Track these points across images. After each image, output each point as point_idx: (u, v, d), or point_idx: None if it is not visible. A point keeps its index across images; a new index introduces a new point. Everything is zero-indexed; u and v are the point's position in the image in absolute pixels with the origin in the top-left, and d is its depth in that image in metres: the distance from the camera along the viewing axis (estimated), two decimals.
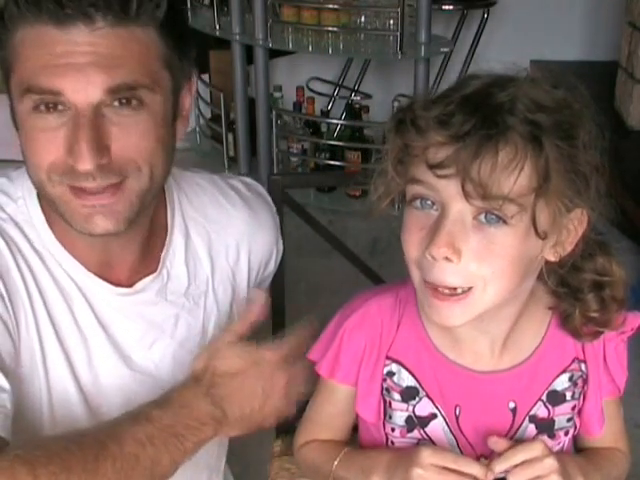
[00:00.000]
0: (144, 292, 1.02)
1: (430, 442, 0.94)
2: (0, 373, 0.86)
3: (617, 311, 0.90)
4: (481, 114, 0.78)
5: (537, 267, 0.86)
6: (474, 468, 0.85)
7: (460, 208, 0.79)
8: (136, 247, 1.00)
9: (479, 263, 0.79)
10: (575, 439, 1.00)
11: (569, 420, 0.96)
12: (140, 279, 1.02)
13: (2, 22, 0.89)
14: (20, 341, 0.93)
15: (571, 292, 0.90)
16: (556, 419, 0.95)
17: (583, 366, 0.95)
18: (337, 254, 1.39)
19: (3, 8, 0.89)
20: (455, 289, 0.81)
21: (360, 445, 1.03)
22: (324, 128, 3.65)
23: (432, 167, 0.79)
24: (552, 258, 0.85)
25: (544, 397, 0.94)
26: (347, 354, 0.94)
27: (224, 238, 1.10)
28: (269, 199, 1.19)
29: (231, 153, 3.64)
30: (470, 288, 0.81)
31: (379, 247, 3.09)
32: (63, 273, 0.97)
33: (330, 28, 3.19)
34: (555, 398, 0.94)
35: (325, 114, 3.70)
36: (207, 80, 3.85)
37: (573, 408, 0.95)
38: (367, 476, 0.93)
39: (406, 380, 0.93)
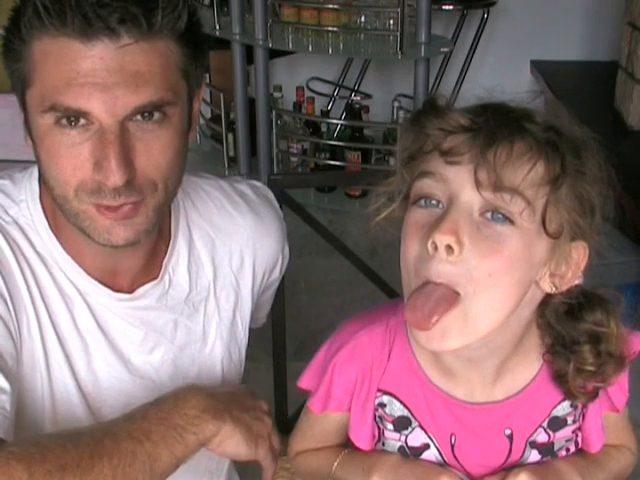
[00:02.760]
0: (144, 298, 1.02)
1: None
2: (1, 375, 0.86)
3: (615, 371, 0.88)
4: (499, 114, 0.79)
5: (532, 299, 0.84)
6: None
7: (468, 199, 0.77)
8: (142, 255, 1.00)
9: (479, 260, 0.76)
10: None
11: (567, 440, 0.95)
12: (141, 285, 1.02)
13: (19, 33, 0.87)
14: (22, 342, 0.93)
15: (566, 347, 0.88)
16: (556, 442, 0.94)
17: None
18: (337, 254, 1.39)
19: (19, 18, 0.87)
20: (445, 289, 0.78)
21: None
22: (324, 128, 3.65)
23: (445, 153, 0.78)
24: (548, 288, 0.83)
25: (545, 424, 0.92)
26: (339, 387, 0.93)
27: (228, 244, 1.09)
28: (276, 204, 1.18)
29: (231, 153, 3.64)
30: (458, 295, 0.77)
31: (379, 247, 3.09)
32: (64, 277, 0.97)
33: (330, 28, 3.19)
34: (556, 424, 0.93)
35: (325, 114, 3.69)
36: (207, 80, 3.85)
37: (574, 431, 0.95)
38: (368, 475, 0.92)
39: (398, 410, 0.92)
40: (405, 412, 0.92)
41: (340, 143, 3.47)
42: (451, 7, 3.64)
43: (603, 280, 0.90)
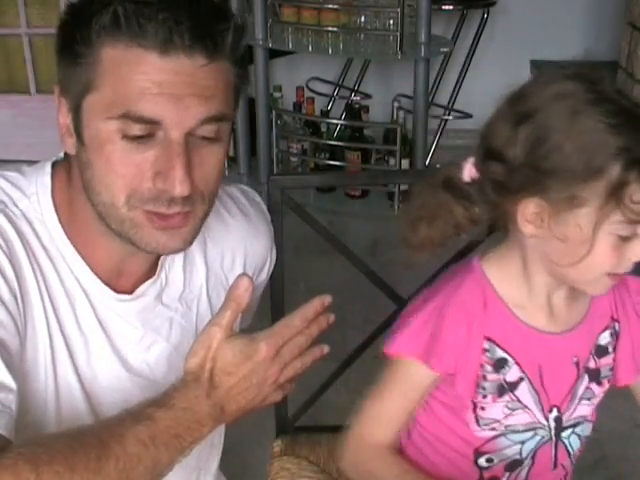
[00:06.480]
0: (143, 297, 1.03)
1: (518, 403, 1.03)
2: (8, 373, 0.86)
3: None
4: None
5: None
6: None
7: None
8: (150, 259, 1.01)
9: None
10: None
11: (611, 369, 1.07)
12: (140, 284, 1.03)
13: (87, 36, 0.87)
14: (26, 339, 0.93)
15: None
16: (601, 369, 1.06)
17: (616, 325, 1.06)
18: (337, 254, 1.39)
19: (87, 20, 0.87)
20: None
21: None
22: (324, 128, 3.65)
23: None
24: None
25: (593, 351, 1.05)
26: (448, 342, 0.99)
27: (220, 245, 1.11)
28: (264, 207, 1.21)
29: (231, 153, 3.63)
30: None
31: (379, 247, 3.09)
32: (69, 273, 0.98)
33: (330, 28, 3.19)
34: (600, 351, 1.05)
35: (325, 114, 3.70)
36: None
37: (614, 359, 1.07)
38: None
39: (498, 353, 1.01)
40: (503, 354, 1.01)
41: (340, 143, 3.48)
42: (451, 7, 3.64)
43: None
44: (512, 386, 1.02)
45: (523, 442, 1.06)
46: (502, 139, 0.93)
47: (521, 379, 1.02)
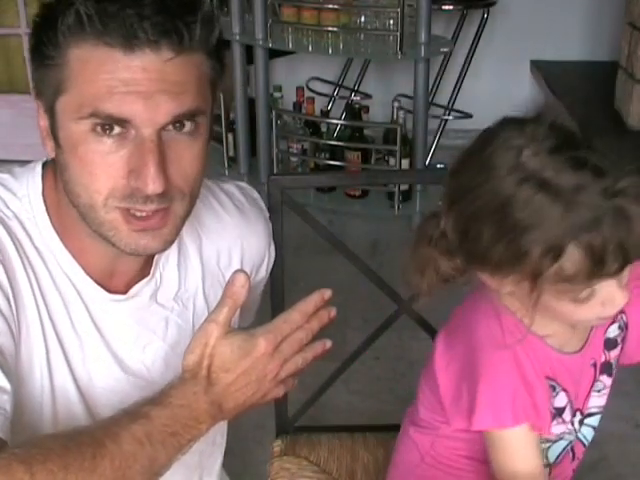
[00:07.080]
0: (138, 297, 1.03)
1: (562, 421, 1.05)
2: (2, 375, 0.86)
3: None
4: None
5: None
6: None
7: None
8: (142, 259, 1.01)
9: None
10: None
11: (618, 360, 1.11)
12: (134, 284, 1.02)
13: (54, 38, 0.87)
14: (20, 340, 0.93)
15: None
16: (612, 361, 1.10)
17: (623, 316, 1.09)
18: (337, 254, 1.39)
19: (54, 23, 0.86)
20: None
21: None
22: (324, 128, 3.64)
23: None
24: None
25: (603, 345, 1.08)
26: (519, 394, 0.98)
27: (216, 243, 1.11)
28: (262, 204, 1.20)
29: (231, 153, 3.64)
30: None
31: (379, 247, 3.09)
32: (62, 274, 0.98)
33: (330, 28, 3.19)
34: (609, 344, 1.09)
35: (325, 114, 3.69)
36: None
37: (622, 349, 1.10)
38: None
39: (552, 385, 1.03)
40: (552, 382, 1.03)
41: (340, 143, 3.47)
42: (451, 7, 3.63)
43: None
44: (560, 411, 1.05)
45: (550, 448, 1.08)
46: (443, 217, 0.96)
47: (567, 403, 1.05)
